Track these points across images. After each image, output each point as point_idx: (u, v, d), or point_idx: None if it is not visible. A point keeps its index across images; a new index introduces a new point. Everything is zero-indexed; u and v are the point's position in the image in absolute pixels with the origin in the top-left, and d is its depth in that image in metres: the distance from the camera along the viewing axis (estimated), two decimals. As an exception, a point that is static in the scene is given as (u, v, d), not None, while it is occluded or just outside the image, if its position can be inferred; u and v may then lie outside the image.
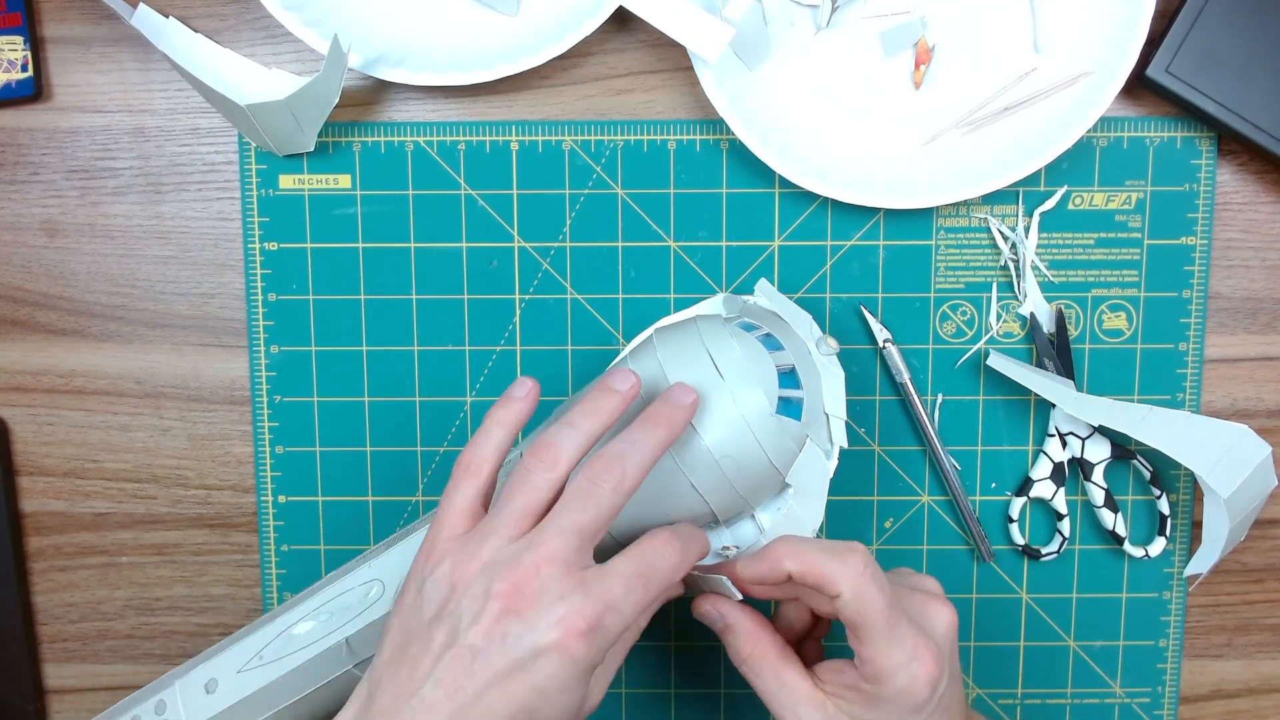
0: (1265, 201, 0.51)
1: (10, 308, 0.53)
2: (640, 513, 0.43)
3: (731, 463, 0.42)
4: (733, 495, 0.43)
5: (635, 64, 0.51)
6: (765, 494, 0.44)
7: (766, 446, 0.42)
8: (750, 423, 0.42)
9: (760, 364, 0.43)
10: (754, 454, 0.42)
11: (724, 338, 0.43)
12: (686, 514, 0.43)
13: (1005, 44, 0.49)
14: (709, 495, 0.42)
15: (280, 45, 0.51)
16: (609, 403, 0.40)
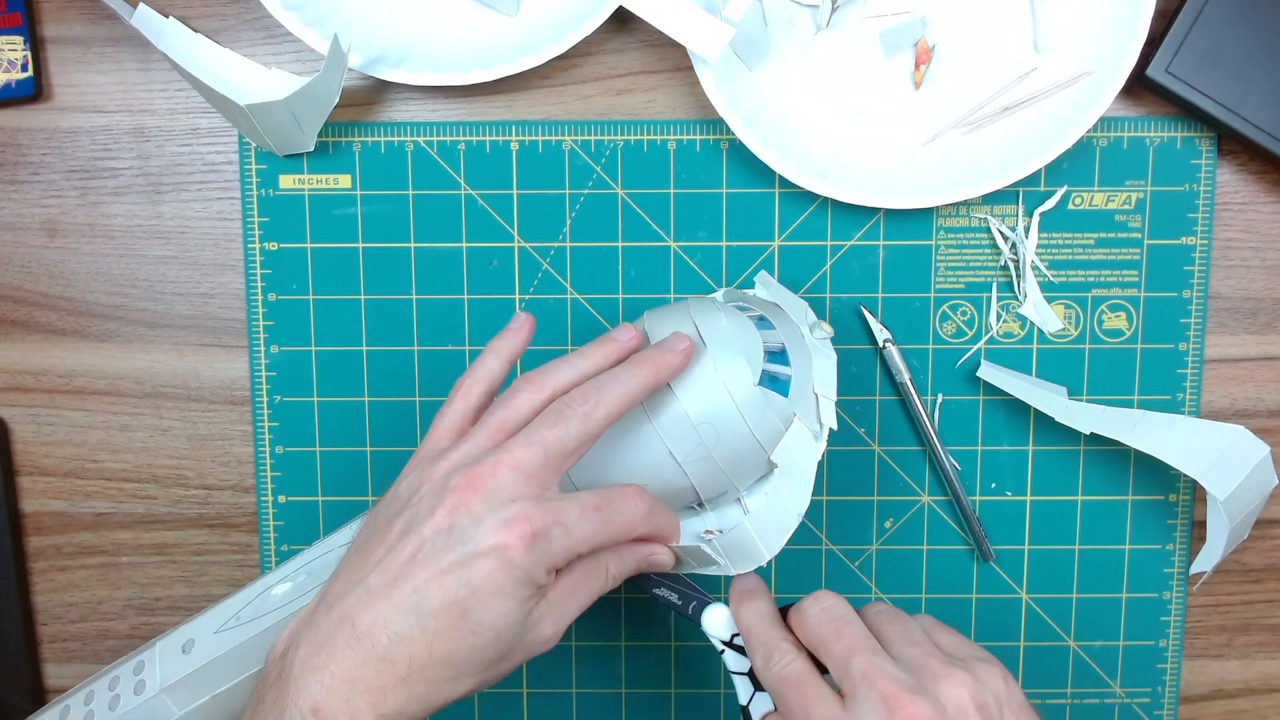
0: (1265, 201, 0.51)
1: (10, 308, 0.53)
2: (618, 479, 0.42)
3: (710, 430, 0.42)
4: (713, 468, 0.42)
5: (635, 64, 0.51)
6: (750, 473, 0.44)
7: (748, 417, 0.42)
8: (731, 390, 0.42)
9: (746, 336, 0.43)
10: (735, 423, 0.42)
11: (711, 311, 0.44)
12: (666, 487, 0.43)
13: (1005, 44, 0.49)
14: (688, 465, 0.42)
15: (280, 45, 0.51)
16: (606, 348, 0.42)
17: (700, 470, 0.42)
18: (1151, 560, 0.53)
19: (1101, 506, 0.53)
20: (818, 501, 0.53)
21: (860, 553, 0.53)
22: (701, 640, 0.54)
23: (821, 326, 0.46)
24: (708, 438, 0.42)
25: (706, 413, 0.42)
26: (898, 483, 0.53)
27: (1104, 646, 0.54)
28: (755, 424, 0.42)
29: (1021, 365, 0.52)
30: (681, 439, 0.42)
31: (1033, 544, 0.53)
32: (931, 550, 0.53)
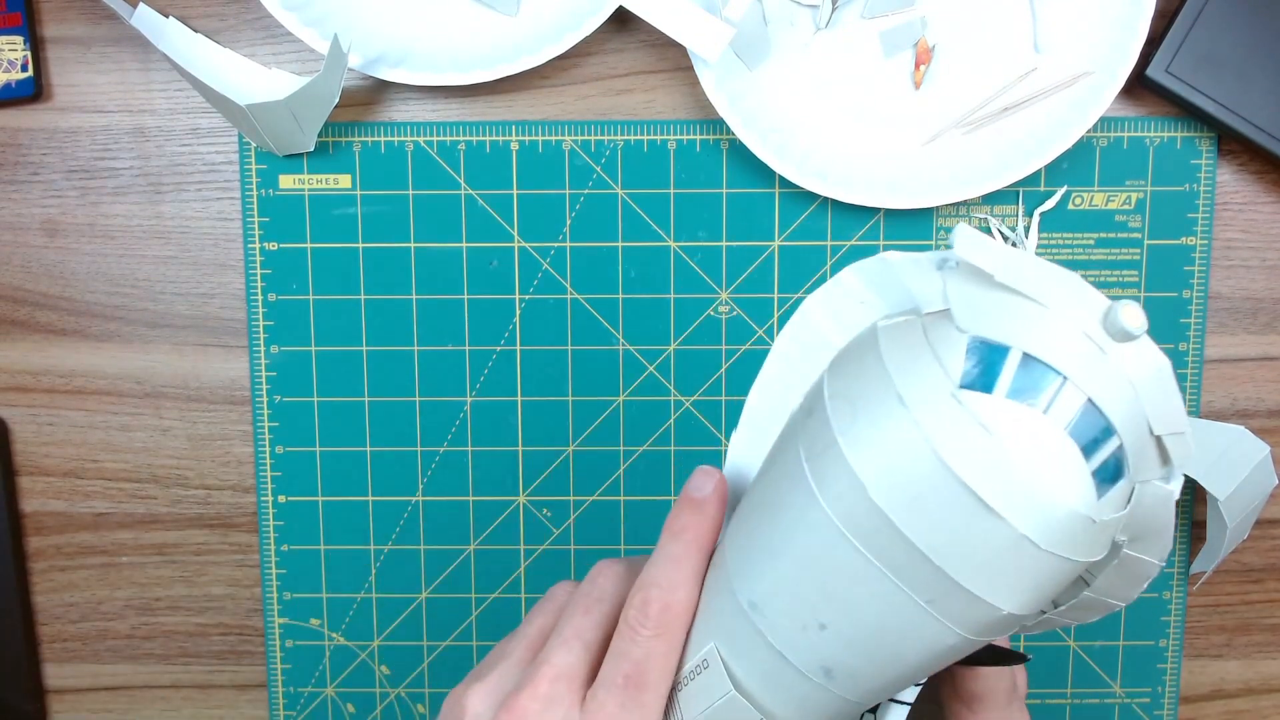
0: (1265, 201, 0.51)
1: (10, 308, 0.53)
2: (867, 658, 0.27)
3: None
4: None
5: (635, 64, 0.51)
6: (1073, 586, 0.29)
7: (1074, 553, 0.25)
8: (1044, 545, 0.24)
9: (1059, 456, 0.24)
10: (1058, 567, 0.25)
11: (925, 366, 0.25)
12: (940, 649, 0.27)
13: (1005, 44, 0.49)
14: (975, 629, 0.26)
15: (280, 45, 0.51)
16: (688, 523, 0.32)
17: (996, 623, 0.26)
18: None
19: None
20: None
21: (860, 553, 0.53)
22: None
23: (1124, 313, 0.24)
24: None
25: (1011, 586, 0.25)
26: (898, 483, 0.53)
27: (1104, 646, 0.54)
28: (1082, 552, 0.25)
29: (1021, 365, 0.52)
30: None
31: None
32: (931, 550, 0.53)
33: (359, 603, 0.54)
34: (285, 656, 0.55)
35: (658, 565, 0.31)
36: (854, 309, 0.30)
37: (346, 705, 0.55)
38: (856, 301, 0.30)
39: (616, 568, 0.33)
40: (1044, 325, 0.25)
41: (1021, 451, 0.24)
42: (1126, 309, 0.24)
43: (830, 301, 0.30)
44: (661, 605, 0.30)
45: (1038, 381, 0.24)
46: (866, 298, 0.30)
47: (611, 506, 0.53)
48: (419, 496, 0.54)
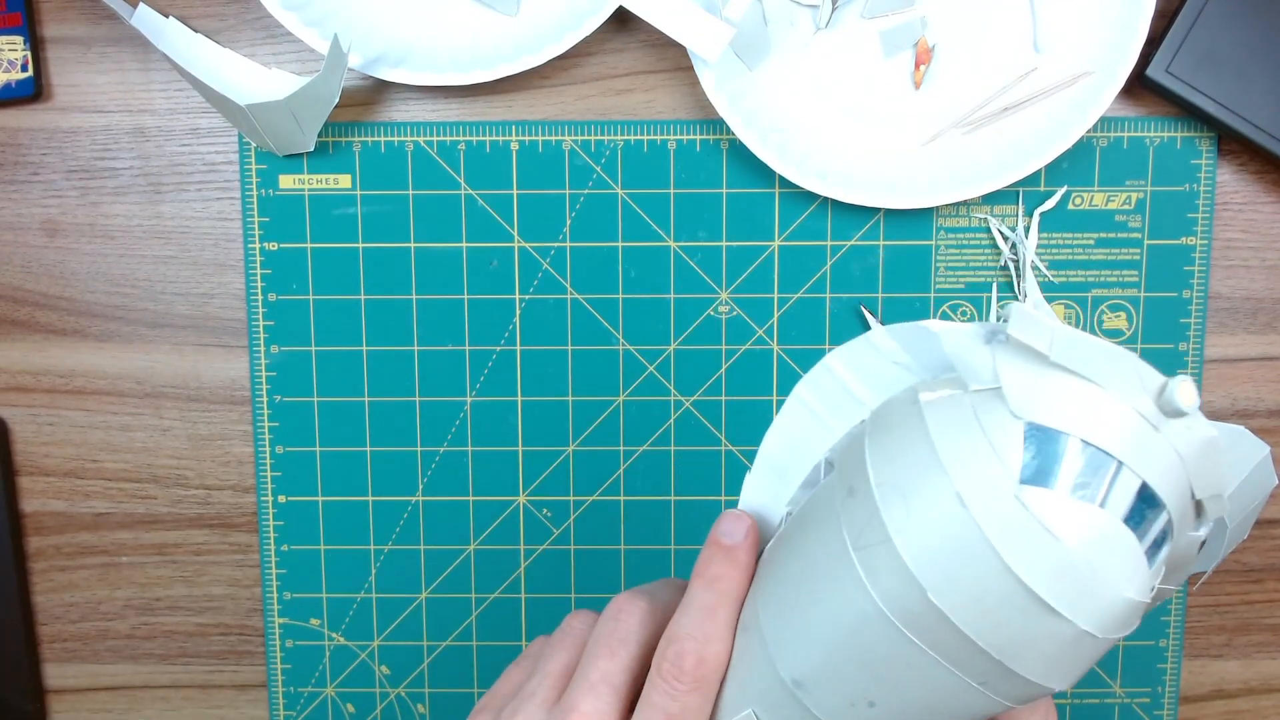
0: (1265, 201, 0.51)
1: (10, 308, 0.53)
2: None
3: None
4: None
5: (635, 64, 0.51)
6: None
7: (1125, 631, 0.26)
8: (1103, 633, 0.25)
9: (1118, 548, 0.24)
10: (1109, 646, 0.26)
11: (973, 439, 0.25)
12: (986, 715, 0.27)
13: (1005, 44, 0.49)
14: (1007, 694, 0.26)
15: (280, 45, 0.51)
16: (720, 572, 0.31)
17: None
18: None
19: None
20: (818, 501, 0.53)
21: (860, 553, 0.53)
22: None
23: (1179, 391, 0.24)
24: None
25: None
26: (898, 483, 0.53)
27: (1104, 646, 0.54)
28: (1128, 629, 0.26)
29: (1021, 365, 0.52)
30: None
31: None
32: (931, 550, 0.53)
33: (359, 603, 0.54)
34: (285, 656, 0.55)
35: (691, 615, 0.31)
36: (885, 368, 0.29)
37: (346, 705, 0.55)
38: (889, 361, 0.29)
39: (639, 604, 0.32)
40: (1099, 408, 0.24)
41: (1084, 553, 0.24)
42: (1182, 388, 0.24)
43: (857, 357, 0.30)
44: (697, 659, 0.30)
45: (1094, 468, 0.24)
46: (901, 359, 0.29)
47: (611, 506, 0.53)
48: (419, 496, 0.54)
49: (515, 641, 0.55)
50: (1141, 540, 0.25)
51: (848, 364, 0.30)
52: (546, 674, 0.32)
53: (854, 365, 0.30)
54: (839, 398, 0.30)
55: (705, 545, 0.32)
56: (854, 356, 0.30)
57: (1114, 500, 0.24)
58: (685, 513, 0.53)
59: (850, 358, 0.30)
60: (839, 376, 0.30)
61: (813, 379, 0.31)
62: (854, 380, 0.30)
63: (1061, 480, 0.24)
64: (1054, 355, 0.25)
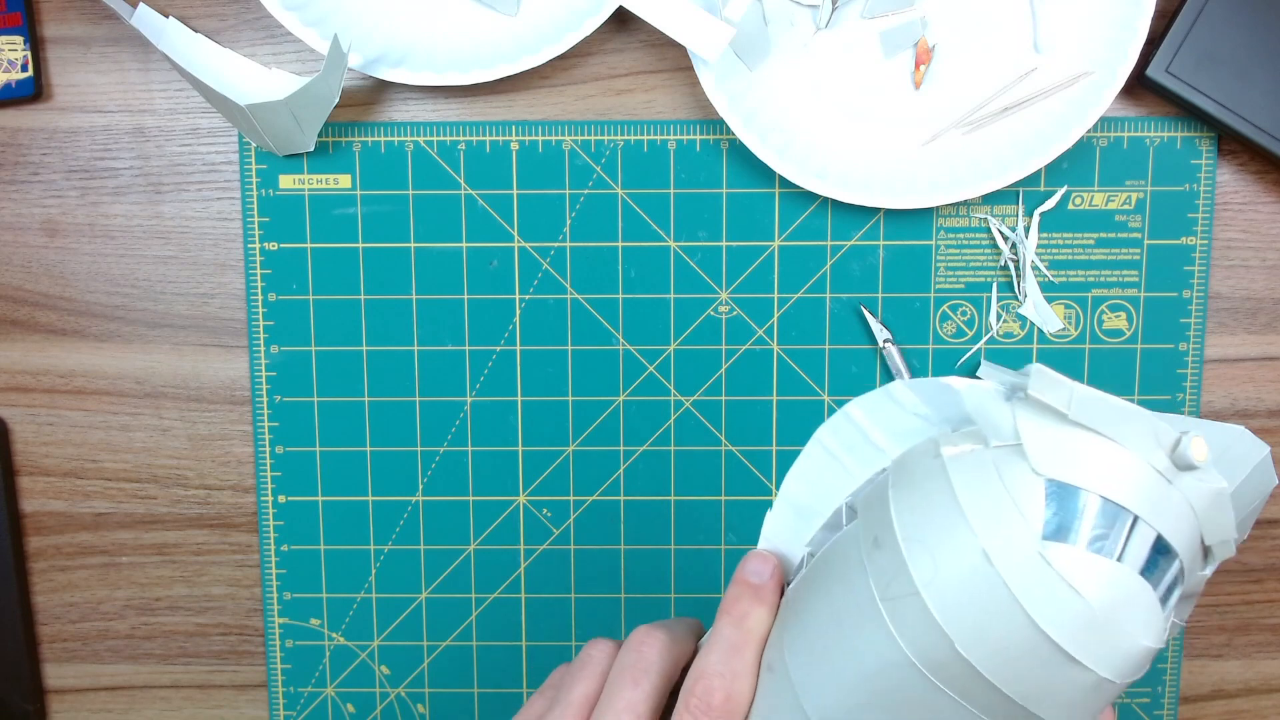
0: (1265, 201, 0.51)
1: (10, 308, 0.53)
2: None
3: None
4: None
5: (635, 64, 0.51)
6: None
7: (1139, 674, 0.27)
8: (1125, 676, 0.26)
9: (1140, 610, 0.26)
10: (1124, 688, 0.27)
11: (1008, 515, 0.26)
12: None
13: (1005, 44, 0.49)
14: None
15: (280, 45, 0.51)
16: (747, 610, 0.32)
17: None
18: (1151, 560, 0.53)
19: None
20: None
21: (860, 553, 0.53)
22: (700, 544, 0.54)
23: (1193, 448, 0.26)
24: None
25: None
26: (898, 483, 0.53)
27: (1104, 646, 0.54)
28: (1141, 672, 0.27)
29: (1022, 365, 0.52)
30: None
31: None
32: (931, 550, 0.53)
33: (359, 603, 0.54)
34: (285, 656, 0.55)
35: (719, 653, 0.31)
36: (904, 419, 0.31)
37: (346, 705, 0.55)
38: (910, 413, 0.31)
39: (660, 636, 0.33)
40: (1117, 464, 0.26)
41: (1105, 606, 0.25)
42: (1195, 444, 0.26)
43: (877, 407, 0.31)
44: (725, 695, 0.30)
45: (1112, 522, 0.25)
46: (921, 410, 0.30)
47: (611, 506, 0.53)
48: (419, 496, 0.54)
49: (515, 641, 0.55)
50: (1156, 589, 0.26)
51: (868, 413, 0.31)
52: (569, 703, 0.33)
53: (874, 414, 0.31)
54: (859, 445, 0.31)
55: (732, 583, 0.33)
56: (874, 406, 0.31)
57: (1131, 553, 0.25)
58: (685, 513, 0.53)
59: (870, 407, 0.31)
60: (859, 424, 0.31)
61: (833, 425, 0.32)
62: (874, 429, 0.31)
63: (1081, 535, 0.25)
64: (1072, 414, 0.26)
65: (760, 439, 0.53)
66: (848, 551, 0.29)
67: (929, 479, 0.27)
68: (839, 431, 0.32)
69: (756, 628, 0.32)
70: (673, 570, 0.54)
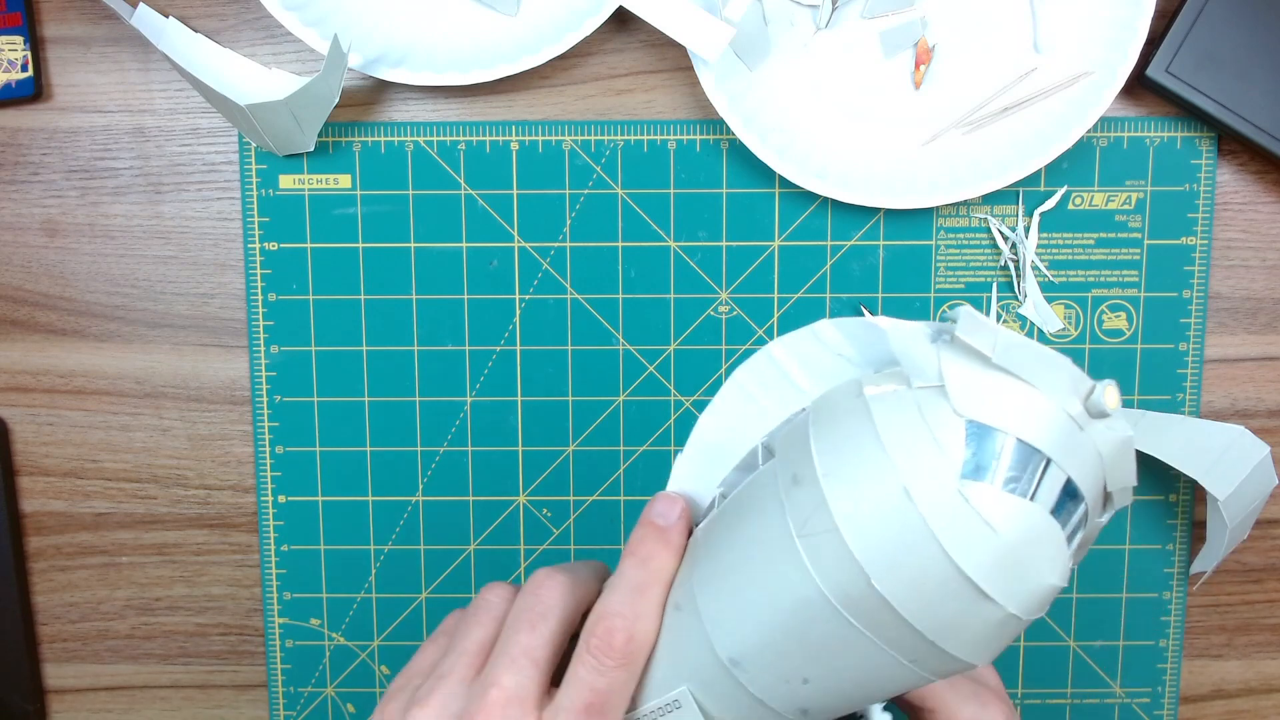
0: (1265, 201, 0.51)
1: (10, 308, 0.53)
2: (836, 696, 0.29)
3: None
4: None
5: (635, 64, 0.51)
6: None
7: (1042, 612, 0.28)
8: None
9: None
10: (1027, 624, 0.28)
11: (908, 419, 0.27)
12: (912, 688, 0.29)
13: (1005, 44, 0.49)
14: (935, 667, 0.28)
15: (280, 45, 0.51)
16: (652, 551, 0.32)
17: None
18: (1151, 560, 0.53)
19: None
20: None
21: (860, 553, 0.53)
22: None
23: (1106, 394, 0.26)
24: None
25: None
26: (898, 483, 0.53)
27: (1104, 646, 0.54)
28: (1044, 610, 0.27)
29: (1021, 365, 0.52)
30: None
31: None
32: (931, 550, 0.53)
33: (359, 603, 0.54)
34: (285, 656, 0.55)
35: (622, 593, 0.31)
36: (827, 359, 0.30)
37: (346, 705, 0.55)
38: (833, 353, 0.30)
39: (560, 579, 0.32)
40: (1034, 408, 0.26)
41: (1017, 543, 0.26)
42: (1108, 391, 0.26)
43: (800, 347, 0.31)
44: (626, 636, 0.30)
45: (1026, 464, 0.26)
46: (845, 351, 0.30)
47: (611, 506, 0.53)
48: (419, 496, 0.54)
49: (515, 641, 0.55)
50: (1064, 530, 0.26)
51: (790, 352, 0.31)
52: (464, 651, 0.32)
53: (796, 354, 0.31)
54: (778, 384, 0.31)
55: (638, 525, 0.32)
56: (797, 346, 0.31)
57: (1042, 494, 0.26)
58: (685, 513, 0.53)
59: (793, 346, 0.31)
60: (780, 364, 0.31)
61: (752, 365, 0.31)
62: (795, 368, 0.31)
63: (998, 475, 0.26)
64: (996, 357, 0.26)
65: (760, 439, 0.53)
66: (764, 489, 0.29)
67: (851, 417, 0.27)
68: (758, 372, 0.32)
69: (662, 569, 0.31)
70: (673, 570, 0.54)
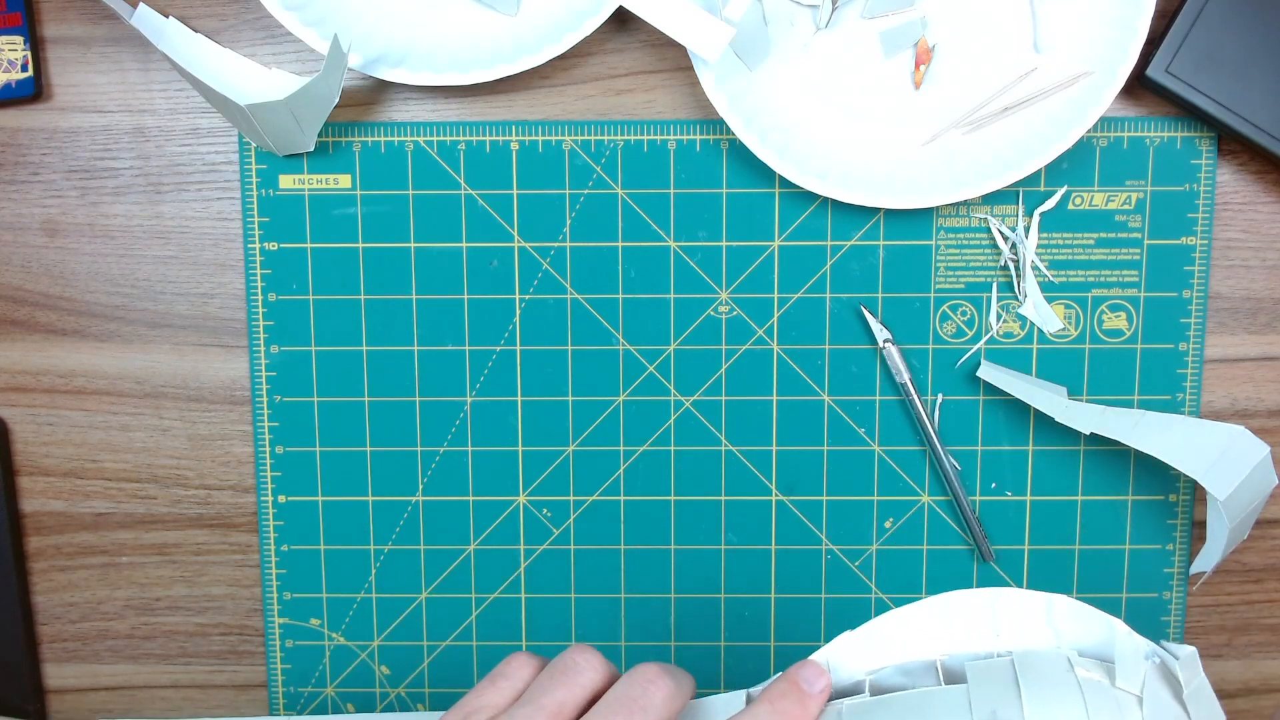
0: (1265, 201, 0.51)
1: (10, 308, 0.53)
2: None
3: None
4: None
5: (635, 64, 0.51)
6: None
7: None
8: None
9: None
10: None
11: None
12: None
13: (1005, 44, 0.49)
14: None
15: (280, 45, 0.51)
16: (789, 710, 0.33)
17: None
18: (1151, 560, 0.53)
19: (1101, 506, 0.53)
20: (817, 501, 0.53)
21: (860, 553, 0.53)
22: (699, 544, 0.54)
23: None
24: None
25: None
26: (898, 483, 0.53)
27: (1104, 646, 0.54)
28: None
29: (1021, 365, 0.52)
30: None
31: (1033, 544, 0.53)
32: (931, 550, 0.53)
33: (359, 603, 0.54)
34: (285, 656, 0.55)
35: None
36: (1040, 627, 0.35)
37: (346, 705, 0.55)
38: (1048, 622, 0.35)
39: (669, 684, 0.33)
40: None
41: None
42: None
43: (1019, 604, 0.35)
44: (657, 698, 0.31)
45: None
46: (1063, 628, 0.35)
47: (611, 506, 0.53)
48: (419, 496, 0.54)
49: (515, 642, 0.55)
50: None
51: (1007, 606, 0.35)
52: (541, 707, 0.32)
53: (1011, 608, 0.35)
54: (978, 626, 0.35)
55: (782, 679, 0.34)
56: (1018, 602, 0.35)
57: None
58: (685, 513, 0.53)
59: (1015, 602, 0.35)
60: (992, 607, 0.35)
61: (968, 596, 0.35)
62: (1003, 620, 0.35)
63: None
64: (1185, 694, 0.32)
65: (760, 439, 0.53)
66: (951, 706, 0.33)
67: (1062, 688, 0.32)
68: (968, 604, 0.35)
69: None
70: (673, 570, 0.54)
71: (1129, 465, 0.53)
